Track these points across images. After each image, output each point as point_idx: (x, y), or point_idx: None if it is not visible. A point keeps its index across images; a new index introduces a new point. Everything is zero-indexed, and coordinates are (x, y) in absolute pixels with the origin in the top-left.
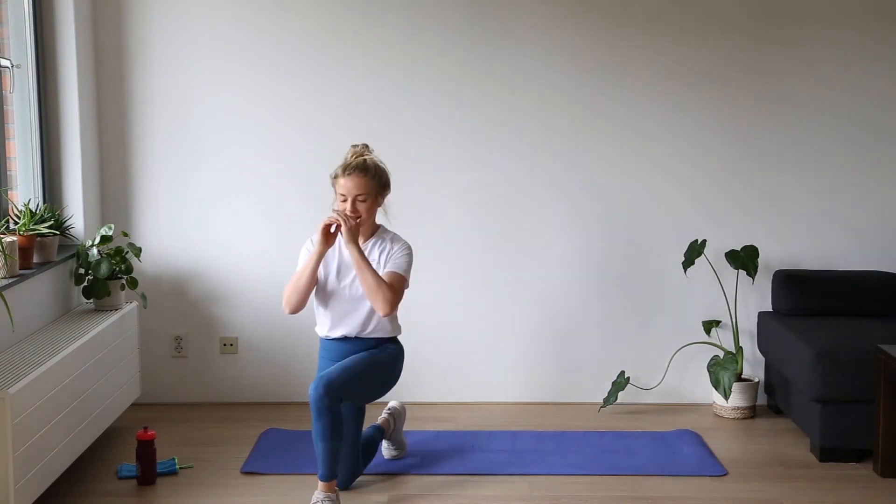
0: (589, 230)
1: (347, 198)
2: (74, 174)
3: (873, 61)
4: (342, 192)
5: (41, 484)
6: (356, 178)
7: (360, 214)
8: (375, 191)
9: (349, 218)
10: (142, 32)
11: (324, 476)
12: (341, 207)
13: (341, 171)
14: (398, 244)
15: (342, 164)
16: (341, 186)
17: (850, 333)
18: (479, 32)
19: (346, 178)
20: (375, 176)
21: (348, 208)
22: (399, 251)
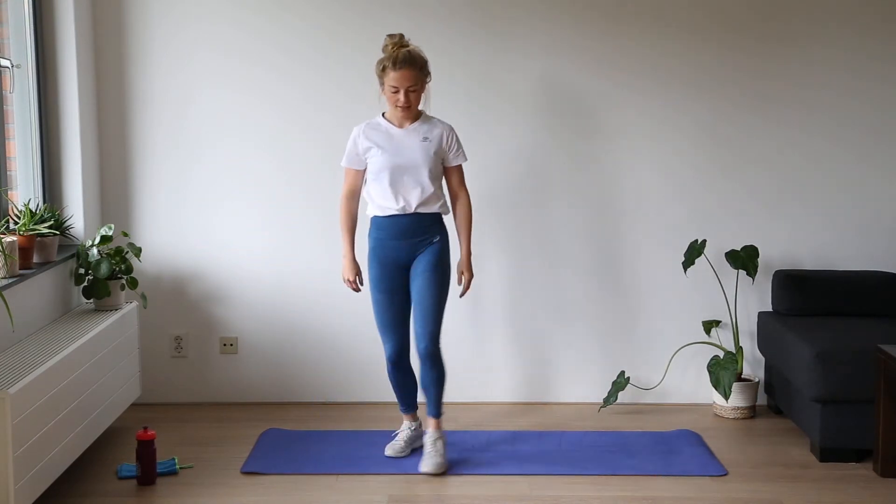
0: (588, 230)
1: (400, 89)
2: (74, 174)
3: (874, 61)
4: (394, 84)
5: (41, 484)
6: (407, 71)
7: (410, 103)
8: (423, 80)
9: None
10: (142, 32)
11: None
12: (393, 100)
13: (391, 64)
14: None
15: (390, 58)
16: (393, 79)
17: (850, 333)
18: (480, 32)
19: (397, 71)
20: (423, 66)
21: (401, 100)
22: (454, 140)
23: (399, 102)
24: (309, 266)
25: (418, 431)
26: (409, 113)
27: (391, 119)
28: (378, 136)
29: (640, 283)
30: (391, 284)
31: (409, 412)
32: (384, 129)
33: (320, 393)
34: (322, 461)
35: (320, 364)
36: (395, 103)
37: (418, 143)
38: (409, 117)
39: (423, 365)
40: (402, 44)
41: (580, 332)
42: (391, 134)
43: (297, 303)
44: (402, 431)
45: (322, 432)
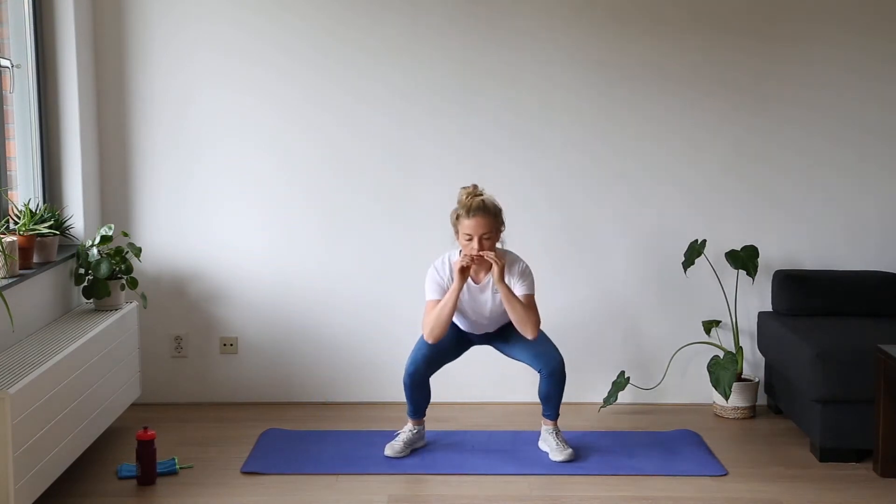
0: (588, 230)
1: (473, 237)
2: (74, 174)
3: (874, 61)
4: (468, 232)
5: (41, 484)
6: (480, 219)
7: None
8: (497, 228)
9: (499, 258)
10: (142, 32)
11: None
12: (467, 248)
13: (465, 212)
14: (520, 266)
15: (464, 206)
16: (467, 227)
17: (850, 333)
18: (481, 32)
19: (471, 219)
20: (497, 215)
21: (475, 247)
22: (523, 274)
23: (473, 251)
24: (309, 266)
25: (420, 434)
26: (482, 261)
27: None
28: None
29: (639, 283)
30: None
31: (417, 418)
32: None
33: (320, 393)
34: (322, 461)
35: (320, 364)
36: (469, 251)
37: (490, 296)
38: (483, 266)
39: (551, 381)
40: (475, 193)
41: (580, 332)
42: (468, 286)
43: (297, 303)
44: (403, 432)
45: (322, 432)
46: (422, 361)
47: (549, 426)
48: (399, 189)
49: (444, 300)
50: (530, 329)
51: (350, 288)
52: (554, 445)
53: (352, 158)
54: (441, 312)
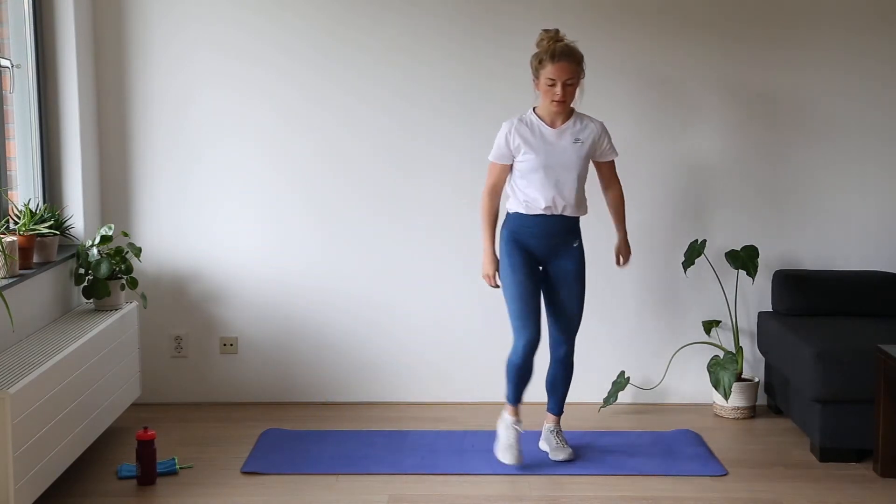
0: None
1: (557, 82)
2: (74, 174)
3: (873, 62)
4: (551, 77)
5: (41, 484)
6: (566, 64)
7: (566, 98)
8: (580, 74)
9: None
10: (142, 32)
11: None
12: (549, 94)
13: (549, 57)
14: (597, 127)
15: (548, 51)
16: (550, 72)
17: (850, 333)
18: (482, 31)
19: (556, 64)
20: (580, 61)
21: (558, 94)
22: (606, 137)
23: (556, 96)
24: (309, 266)
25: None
26: (563, 108)
27: (542, 115)
28: (530, 134)
29: (640, 283)
30: (532, 270)
31: (518, 405)
32: (536, 127)
33: (320, 393)
34: (322, 461)
35: (320, 364)
36: (551, 97)
37: (570, 144)
38: (562, 113)
39: (559, 367)
40: (558, 38)
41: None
42: (543, 134)
43: (297, 303)
44: (510, 429)
45: (322, 432)
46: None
47: (552, 423)
48: (399, 189)
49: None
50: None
51: (350, 288)
52: (554, 444)
53: (352, 158)
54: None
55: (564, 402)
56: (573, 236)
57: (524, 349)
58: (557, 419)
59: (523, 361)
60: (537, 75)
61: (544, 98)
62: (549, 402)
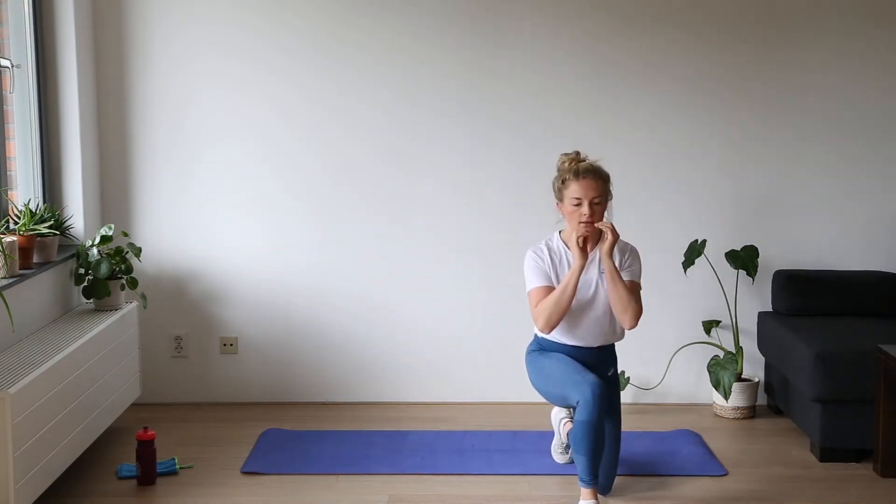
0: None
1: (583, 201)
2: (74, 174)
3: (873, 62)
4: (577, 196)
5: (41, 484)
6: (592, 181)
7: (595, 218)
8: (606, 194)
9: (615, 231)
10: (142, 32)
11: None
12: (573, 213)
13: (573, 175)
14: (629, 250)
15: (571, 170)
16: (575, 191)
17: (850, 333)
18: (482, 31)
19: (580, 182)
20: (607, 180)
21: (585, 211)
22: (632, 258)
23: (583, 217)
24: (309, 266)
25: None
26: (591, 230)
27: (568, 241)
28: (557, 262)
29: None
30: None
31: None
32: (562, 255)
33: (320, 393)
34: (322, 461)
35: (320, 364)
36: (577, 218)
37: (597, 275)
38: (590, 235)
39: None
40: (580, 158)
41: None
42: (571, 264)
43: (296, 303)
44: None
45: (322, 432)
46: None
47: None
48: (399, 189)
49: (564, 283)
50: (630, 317)
51: (350, 288)
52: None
53: (352, 158)
54: (561, 297)
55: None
56: (608, 364)
57: (592, 395)
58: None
59: (596, 415)
60: (561, 197)
61: (570, 221)
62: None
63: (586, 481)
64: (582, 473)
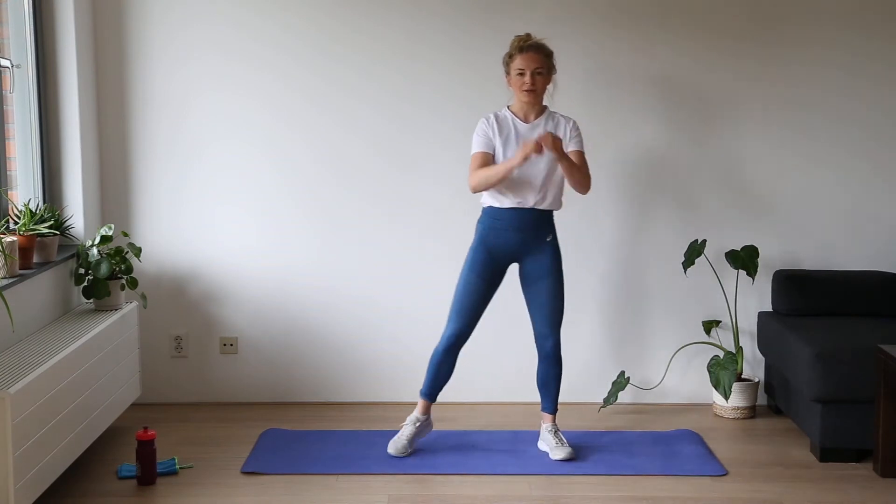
0: (589, 230)
1: (526, 71)
2: (74, 174)
3: (873, 61)
4: (521, 67)
5: (41, 484)
6: (534, 54)
7: (536, 86)
8: (549, 67)
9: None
10: (142, 33)
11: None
12: (518, 83)
13: (518, 49)
14: (569, 123)
15: (516, 45)
16: (520, 62)
17: (850, 333)
18: (482, 31)
19: (524, 55)
20: (550, 55)
21: (527, 82)
22: (574, 130)
23: (525, 85)
24: (309, 266)
25: (427, 423)
26: (534, 98)
27: (516, 112)
28: (504, 129)
29: (640, 283)
30: (490, 274)
31: (430, 400)
32: (510, 122)
33: (320, 393)
34: (322, 461)
35: (320, 364)
36: (520, 86)
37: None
38: (534, 104)
39: (548, 363)
40: (527, 37)
41: (580, 332)
42: (517, 128)
43: (296, 303)
44: (406, 426)
45: (322, 432)
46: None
47: (549, 423)
48: (399, 189)
49: (497, 168)
50: (584, 186)
51: (350, 288)
52: (553, 444)
53: (351, 159)
54: (491, 177)
55: (558, 399)
56: (546, 230)
57: (446, 341)
58: (553, 418)
59: (442, 353)
60: (508, 70)
61: (515, 89)
62: (543, 401)
63: (423, 394)
64: (422, 389)
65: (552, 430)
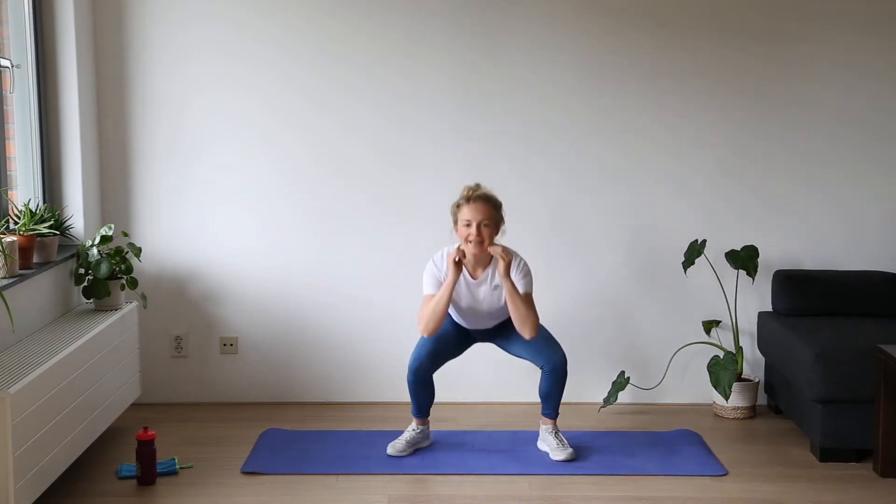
0: (589, 231)
1: (472, 223)
2: (74, 174)
3: (873, 60)
4: (467, 218)
5: (41, 484)
6: (482, 206)
7: (483, 238)
8: (497, 220)
9: (507, 253)
10: (142, 33)
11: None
12: (464, 233)
13: (465, 200)
14: (521, 265)
15: (465, 196)
16: (467, 213)
17: (850, 333)
18: (481, 32)
19: (471, 205)
20: (497, 207)
21: (473, 233)
22: (524, 272)
23: (471, 236)
24: (309, 266)
25: (424, 434)
26: (481, 250)
27: (466, 263)
28: None
29: (640, 283)
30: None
31: (421, 417)
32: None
33: (320, 393)
34: (322, 461)
35: (320, 364)
36: (466, 237)
37: (489, 292)
38: (480, 256)
39: (554, 376)
40: (477, 188)
41: (580, 332)
42: (466, 281)
43: (296, 303)
44: (407, 431)
45: (322, 432)
46: (425, 357)
47: (549, 425)
48: (398, 189)
49: (439, 295)
50: (529, 328)
51: (350, 288)
52: (554, 445)
53: (351, 159)
54: (436, 307)
55: (559, 407)
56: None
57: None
58: (554, 422)
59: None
60: (455, 220)
61: (461, 240)
62: (544, 407)
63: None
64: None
65: (552, 432)
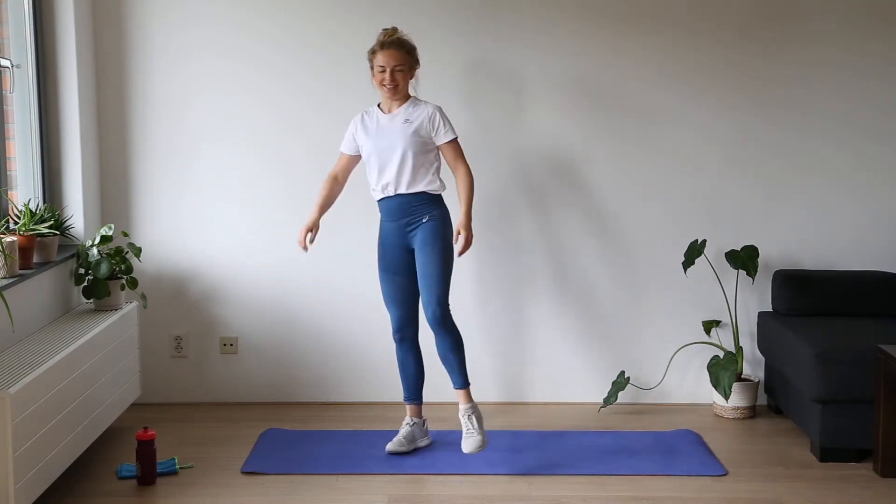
0: (589, 230)
1: (386, 69)
2: (74, 174)
3: (873, 61)
4: (381, 65)
5: (41, 484)
6: (394, 51)
7: (397, 83)
8: (410, 63)
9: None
10: (142, 33)
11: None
12: (379, 79)
13: (379, 46)
14: (434, 111)
15: (379, 41)
16: (381, 59)
17: (850, 333)
18: (481, 32)
19: (384, 52)
20: (411, 51)
21: (387, 79)
22: (440, 119)
23: (385, 81)
24: (309, 266)
25: (420, 429)
26: (395, 94)
27: (383, 107)
28: (369, 122)
29: (639, 283)
30: (390, 264)
31: (413, 402)
32: (375, 115)
33: (320, 393)
34: (322, 461)
35: (320, 364)
36: (381, 82)
37: (399, 125)
38: (396, 100)
39: (437, 334)
40: (392, 33)
41: (580, 332)
42: (378, 120)
43: (297, 303)
44: (402, 427)
45: (322, 432)
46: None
47: (463, 403)
48: None
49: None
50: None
51: (350, 287)
52: (464, 430)
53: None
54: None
55: (464, 372)
56: (422, 212)
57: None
58: (467, 395)
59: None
60: (371, 66)
61: (379, 88)
62: (451, 377)
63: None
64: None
65: (466, 413)
